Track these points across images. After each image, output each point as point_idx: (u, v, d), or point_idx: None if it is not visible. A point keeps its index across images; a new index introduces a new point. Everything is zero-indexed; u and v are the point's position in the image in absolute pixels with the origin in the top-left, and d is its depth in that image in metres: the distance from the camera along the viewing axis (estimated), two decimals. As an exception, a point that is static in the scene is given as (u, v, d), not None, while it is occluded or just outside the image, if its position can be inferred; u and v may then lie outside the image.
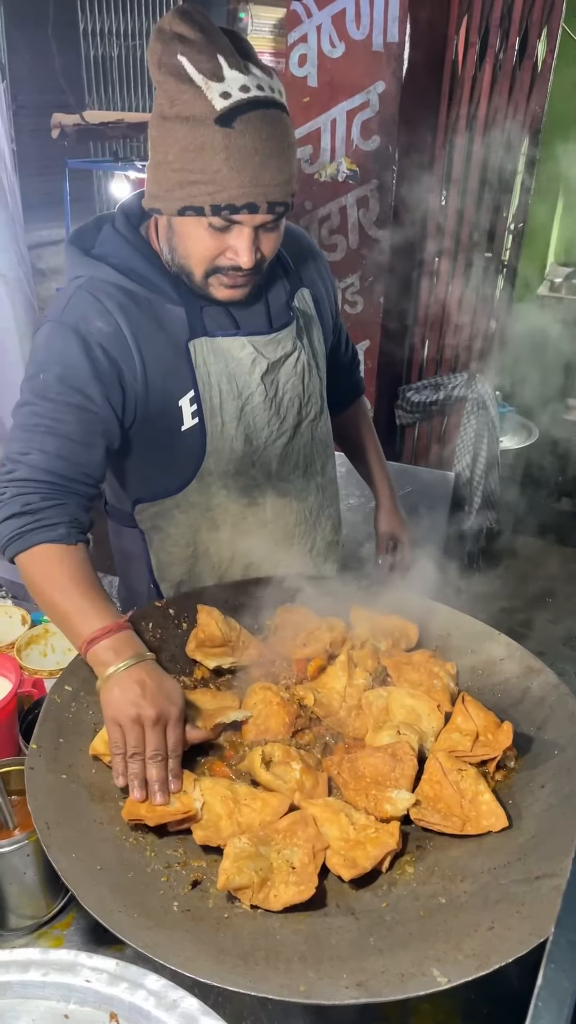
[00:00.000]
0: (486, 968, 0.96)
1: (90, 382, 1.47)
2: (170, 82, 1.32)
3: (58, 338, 1.48)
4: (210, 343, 1.56)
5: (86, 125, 5.29)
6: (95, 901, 1.05)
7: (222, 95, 1.29)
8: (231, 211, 1.36)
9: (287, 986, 0.96)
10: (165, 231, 1.49)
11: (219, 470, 1.65)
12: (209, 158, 1.32)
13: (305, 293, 1.72)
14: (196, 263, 1.46)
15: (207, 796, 1.23)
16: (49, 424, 1.46)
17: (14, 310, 2.72)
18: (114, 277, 1.51)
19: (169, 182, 1.38)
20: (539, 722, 1.40)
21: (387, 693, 1.44)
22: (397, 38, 3.10)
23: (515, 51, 3.27)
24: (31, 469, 1.45)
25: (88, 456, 1.50)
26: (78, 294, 1.50)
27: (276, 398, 1.66)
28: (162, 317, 1.53)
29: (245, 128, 1.31)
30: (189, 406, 1.57)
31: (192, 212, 1.38)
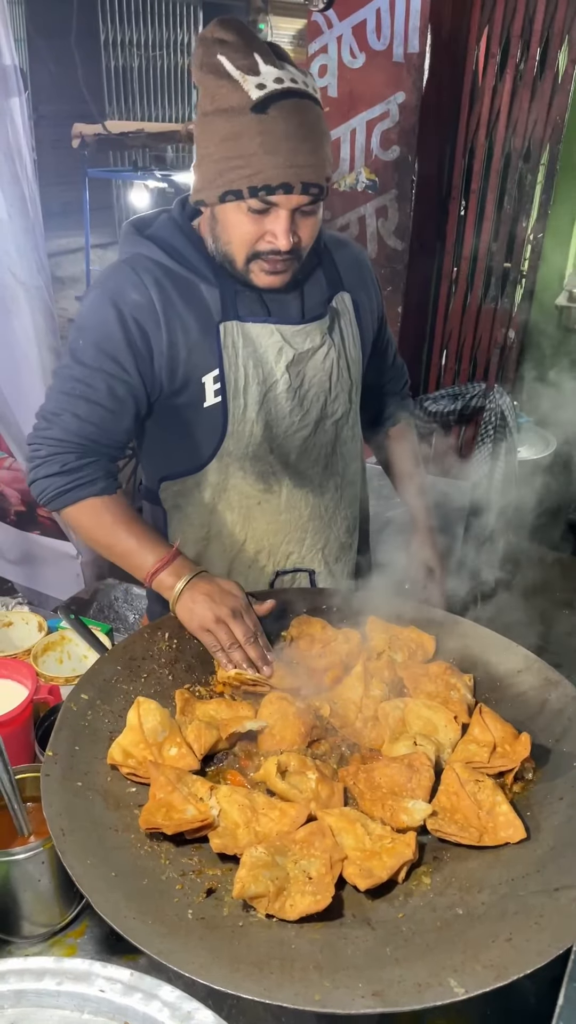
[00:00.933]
0: (504, 979, 0.95)
1: (123, 351, 1.59)
2: (209, 80, 1.43)
3: (99, 307, 1.60)
4: (240, 327, 1.62)
5: (107, 135, 5.33)
6: (110, 907, 1.04)
7: (257, 86, 1.40)
8: (267, 191, 1.44)
9: (302, 995, 0.95)
10: (209, 222, 1.58)
11: (238, 452, 1.69)
12: (245, 143, 1.41)
13: (346, 297, 1.77)
14: (237, 249, 1.54)
15: (224, 804, 1.23)
16: (83, 389, 1.60)
17: (33, 318, 2.73)
18: (157, 255, 1.61)
19: (211, 173, 1.47)
20: (558, 734, 1.39)
21: (403, 704, 1.43)
22: (417, 49, 3.11)
23: (536, 62, 3.27)
24: (63, 431, 1.61)
25: (116, 423, 1.64)
26: (121, 267, 1.62)
27: (301, 389, 1.70)
28: (196, 296, 1.61)
29: (279, 114, 1.41)
30: (212, 384, 1.63)
31: (232, 196, 1.46)
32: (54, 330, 2.77)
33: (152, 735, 1.33)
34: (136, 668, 1.52)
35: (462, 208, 3.59)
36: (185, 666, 1.57)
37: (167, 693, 1.49)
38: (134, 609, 2.74)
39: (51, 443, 1.62)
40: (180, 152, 12.18)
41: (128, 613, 2.73)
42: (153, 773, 1.26)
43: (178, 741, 1.35)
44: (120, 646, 1.56)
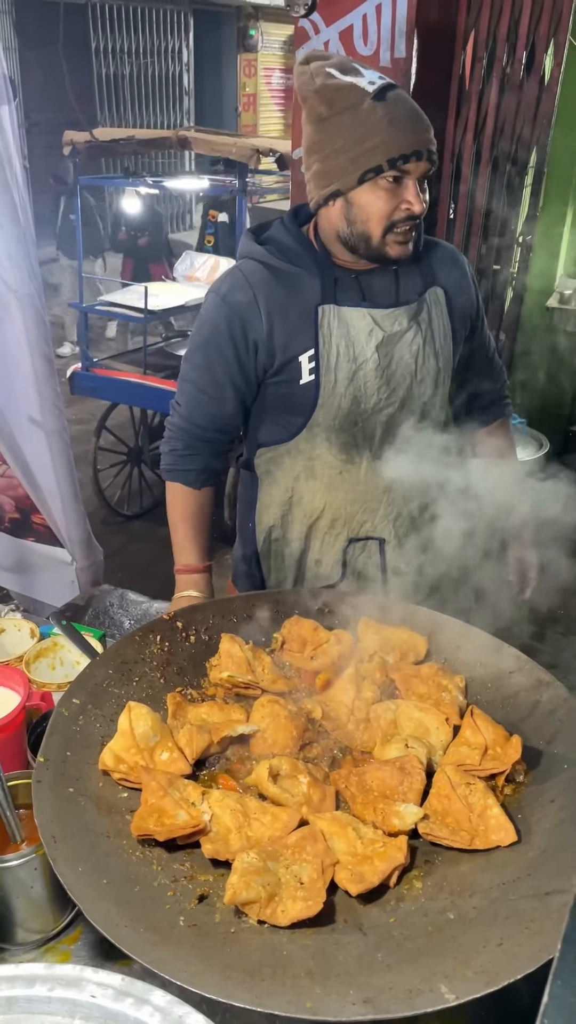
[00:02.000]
0: (495, 985, 0.95)
1: (226, 345, 1.81)
2: (327, 89, 1.63)
3: (212, 306, 1.84)
4: (336, 310, 1.78)
5: (97, 142, 5.32)
6: (101, 916, 1.04)
7: (369, 83, 1.61)
8: (403, 161, 1.61)
9: (294, 1002, 0.95)
10: (340, 213, 1.71)
11: (326, 423, 1.84)
12: (375, 126, 1.60)
13: (439, 292, 1.89)
14: (375, 224, 1.68)
15: (216, 809, 1.23)
16: (192, 378, 1.89)
17: (25, 325, 2.72)
18: (268, 257, 1.80)
19: (343, 163, 1.64)
20: (549, 736, 1.39)
21: (395, 706, 1.44)
22: (404, 53, 3.11)
23: (522, 65, 3.28)
24: (179, 417, 1.92)
25: (219, 408, 1.88)
26: (233, 271, 1.84)
27: (388, 369, 1.82)
28: (299, 286, 1.79)
29: (395, 99, 1.62)
30: (308, 363, 1.79)
31: (371, 174, 1.63)
32: (46, 337, 2.76)
33: (143, 740, 1.33)
34: (128, 672, 1.52)
35: (451, 211, 3.60)
36: (177, 669, 1.57)
37: (159, 697, 1.49)
38: (129, 615, 2.73)
39: (171, 427, 1.94)
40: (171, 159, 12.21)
41: (123, 619, 2.72)
42: (144, 778, 1.26)
43: (170, 746, 1.35)
44: (111, 650, 1.56)
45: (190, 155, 11.75)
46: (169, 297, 5.74)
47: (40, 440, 2.86)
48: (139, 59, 12.25)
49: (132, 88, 12.33)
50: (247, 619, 1.69)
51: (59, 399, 2.85)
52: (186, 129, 5.72)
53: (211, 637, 1.63)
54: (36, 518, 3.22)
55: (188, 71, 13.15)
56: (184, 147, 5.30)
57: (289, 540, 1.99)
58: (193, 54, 13.13)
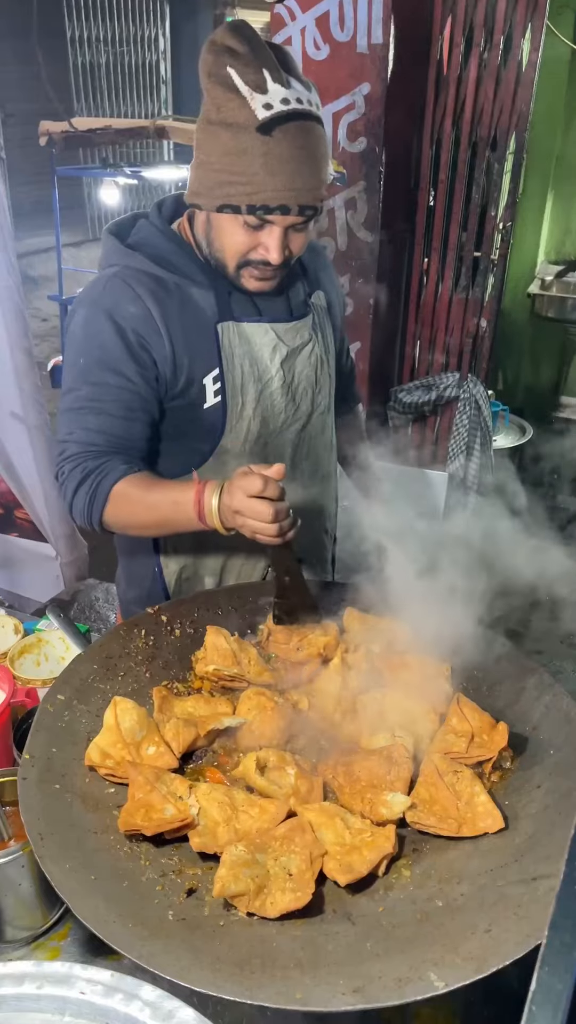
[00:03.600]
0: (484, 971, 0.96)
1: (126, 362, 1.60)
2: (218, 90, 1.44)
3: (94, 323, 1.61)
4: (236, 327, 1.67)
5: (74, 132, 5.28)
6: (90, 912, 1.04)
7: (264, 106, 1.41)
8: (265, 211, 1.48)
9: (284, 993, 0.95)
10: (203, 225, 1.61)
11: (235, 449, 1.73)
12: (248, 162, 1.44)
13: (320, 295, 1.84)
14: (230, 256, 1.58)
15: (204, 802, 1.23)
16: (91, 405, 1.62)
17: (4, 319, 2.70)
18: (147, 266, 1.63)
19: (210, 181, 1.50)
20: (534, 722, 1.40)
21: (382, 696, 1.44)
22: (381, 39, 3.10)
23: (500, 50, 3.27)
24: (79, 444, 1.62)
25: (128, 429, 1.64)
26: (112, 281, 1.62)
27: (292, 385, 1.75)
28: (191, 301, 1.64)
29: (283, 137, 1.43)
30: (212, 384, 1.66)
31: (229, 210, 1.50)
32: (26, 331, 2.74)
33: (130, 735, 1.33)
34: (113, 667, 1.51)
35: (431, 198, 3.59)
36: (162, 663, 1.57)
37: (144, 691, 1.49)
38: (115, 609, 2.73)
39: (70, 461, 1.62)
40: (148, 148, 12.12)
41: (109, 613, 2.72)
42: (131, 773, 1.25)
43: (156, 740, 1.35)
44: (96, 645, 1.56)
45: (169, 144, 11.67)
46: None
47: (22, 435, 2.85)
48: (115, 48, 12.13)
49: (109, 77, 12.22)
50: (232, 611, 1.68)
51: (40, 394, 2.83)
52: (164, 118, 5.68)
53: (196, 630, 1.63)
54: (19, 513, 3.21)
55: (165, 59, 13.04)
56: (162, 136, 5.27)
57: (202, 577, 1.87)
58: (170, 42, 13.02)
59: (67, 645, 1.86)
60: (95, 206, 11.93)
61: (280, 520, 1.41)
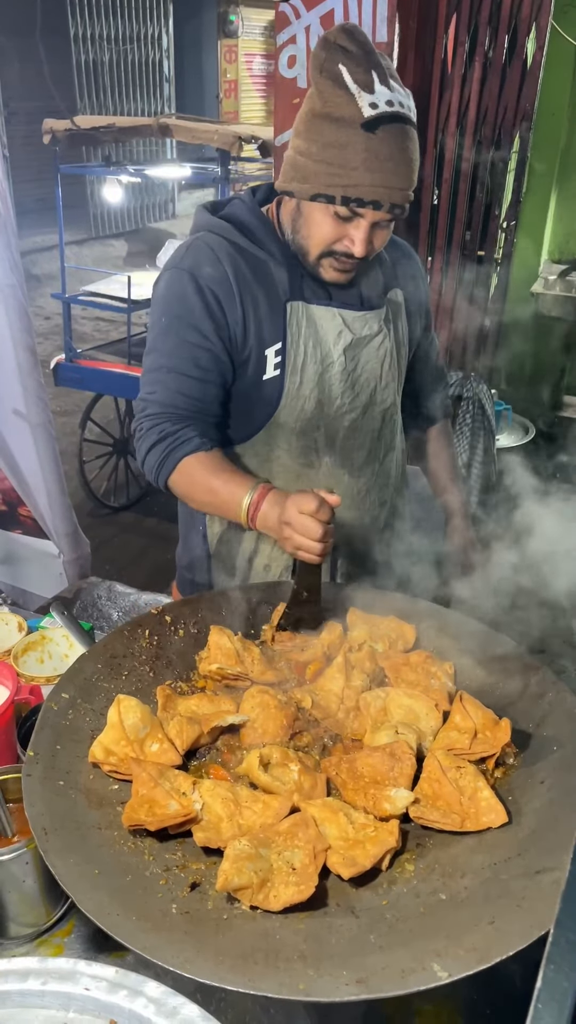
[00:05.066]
0: (487, 962, 0.96)
1: (204, 319, 1.66)
2: (327, 85, 1.49)
3: (176, 282, 1.68)
4: (305, 308, 1.70)
5: (77, 130, 5.28)
6: (93, 905, 1.04)
7: (371, 104, 1.47)
8: (358, 204, 1.53)
9: (287, 984, 0.96)
10: (292, 212, 1.66)
11: (287, 425, 1.76)
12: (350, 156, 1.49)
13: (399, 293, 1.86)
14: (314, 245, 1.63)
15: (207, 798, 1.23)
16: (170, 364, 1.68)
17: (8, 317, 2.70)
18: (230, 233, 1.70)
19: (308, 170, 1.55)
20: (537, 719, 1.40)
21: (385, 694, 1.44)
22: (386, 38, 3.10)
23: (504, 49, 3.27)
24: (158, 404, 1.68)
25: (204, 390, 1.69)
26: (195, 244, 1.70)
27: (354, 373, 1.77)
28: (267, 274, 1.69)
29: (385, 136, 1.49)
30: (274, 357, 1.70)
31: (324, 199, 1.55)
32: (29, 329, 2.75)
33: (133, 731, 1.33)
34: (117, 666, 1.52)
35: (435, 197, 3.59)
36: (166, 662, 1.57)
37: (148, 690, 1.49)
38: (117, 607, 2.73)
39: (149, 419, 1.68)
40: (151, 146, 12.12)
41: (111, 611, 2.72)
42: (135, 769, 1.26)
43: (160, 737, 1.35)
44: (101, 644, 1.56)
45: (171, 143, 11.67)
46: (152, 287, 5.70)
47: (25, 433, 2.85)
48: (119, 46, 12.14)
49: (112, 75, 12.23)
50: (236, 613, 1.69)
51: (43, 391, 2.84)
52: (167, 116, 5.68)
53: (200, 631, 1.63)
54: (23, 511, 3.21)
55: (168, 57, 13.04)
56: (165, 135, 5.26)
57: (241, 543, 1.90)
58: (173, 40, 13.03)
59: (70, 643, 1.86)
60: (98, 204, 11.94)
61: (324, 541, 1.46)
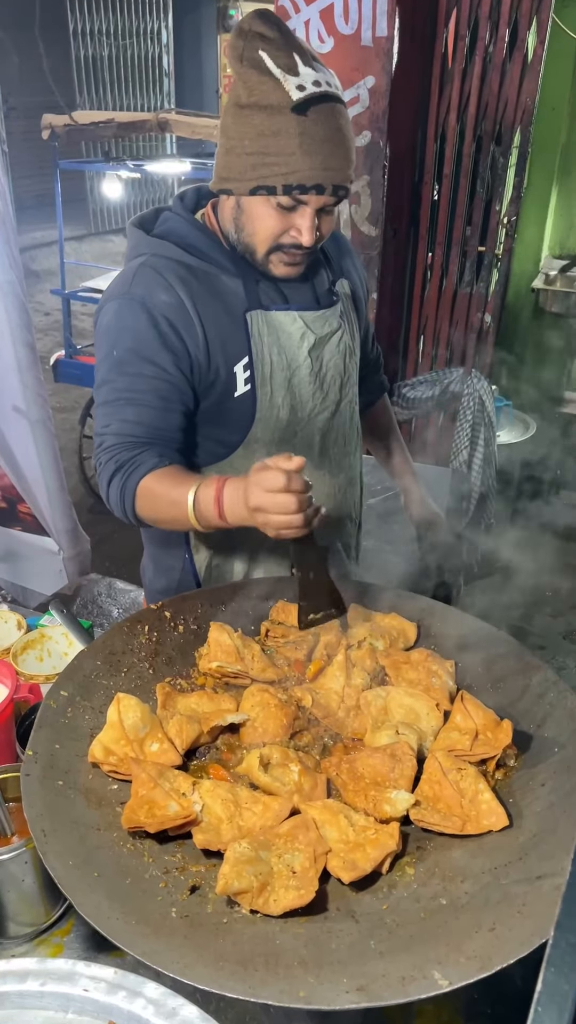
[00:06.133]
0: (488, 970, 0.95)
1: (160, 352, 1.58)
2: (250, 74, 1.45)
3: (127, 313, 1.59)
4: (264, 315, 1.66)
5: (76, 126, 5.26)
6: (92, 909, 1.04)
7: (298, 87, 1.43)
8: (301, 191, 1.48)
9: (287, 991, 0.95)
10: (231, 211, 1.60)
11: (265, 438, 1.72)
12: (284, 142, 1.45)
13: (345, 284, 1.83)
14: (261, 241, 1.58)
15: (207, 799, 1.23)
16: (128, 396, 1.59)
17: (7, 312, 2.69)
18: (175, 253, 1.62)
19: (242, 165, 1.50)
20: (539, 719, 1.40)
21: (385, 693, 1.43)
22: (386, 32, 3.08)
23: (505, 43, 3.25)
24: (114, 436, 1.59)
25: (166, 420, 1.61)
26: (142, 270, 1.60)
27: (320, 373, 1.74)
28: (220, 289, 1.63)
29: (317, 117, 1.45)
30: (243, 372, 1.65)
31: (264, 191, 1.50)
32: (28, 325, 2.74)
33: (133, 731, 1.32)
34: (116, 663, 1.51)
35: (435, 193, 3.57)
36: (166, 659, 1.57)
37: (148, 687, 1.48)
38: (117, 604, 2.73)
39: (107, 451, 1.60)
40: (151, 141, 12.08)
41: (111, 608, 2.72)
42: (135, 770, 1.25)
43: (159, 736, 1.34)
44: (99, 641, 1.55)
45: (171, 138, 11.64)
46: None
47: (24, 429, 2.84)
48: (118, 41, 12.09)
49: (111, 70, 12.18)
50: (236, 608, 1.68)
51: (43, 388, 2.83)
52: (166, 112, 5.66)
53: (200, 626, 1.62)
54: (22, 507, 3.21)
55: (168, 52, 12.99)
56: (165, 130, 5.25)
57: (232, 564, 1.85)
58: (172, 35, 12.97)
59: (70, 641, 1.85)
60: (97, 200, 11.91)
61: (305, 510, 1.37)
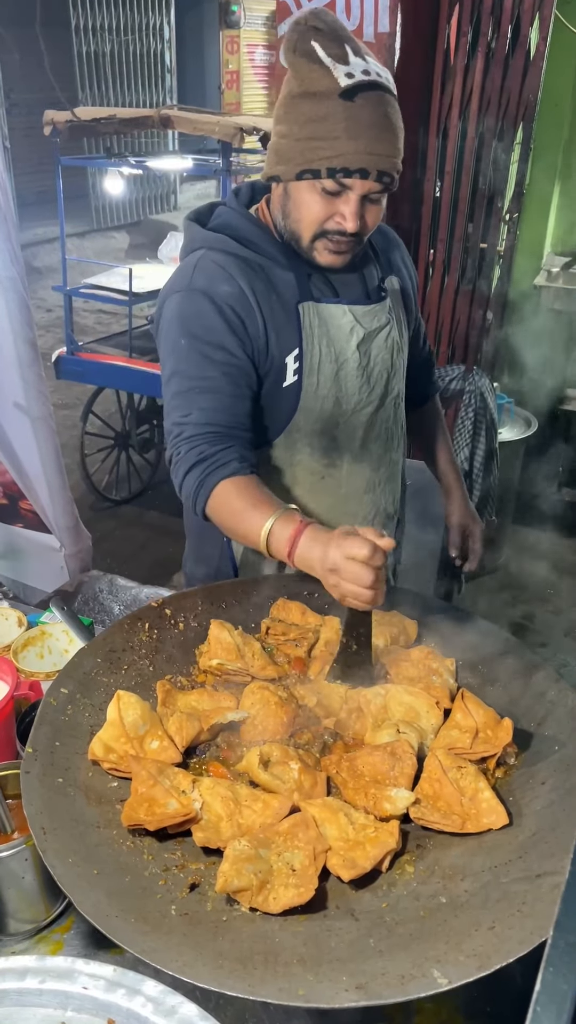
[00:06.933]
0: (487, 969, 0.95)
1: (227, 337, 1.60)
2: (302, 63, 1.47)
3: (191, 304, 1.62)
4: (315, 307, 1.67)
5: (78, 122, 5.24)
6: (92, 907, 1.04)
7: (347, 75, 1.45)
8: (345, 174, 1.49)
9: (286, 990, 0.95)
10: (280, 199, 1.62)
11: (307, 428, 1.73)
12: (331, 126, 1.47)
13: (394, 280, 1.84)
14: (306, 227, 1.59)
15: (207, 797, 1.22)
16: (200, 384, 1.60)
17: (8, 309, 2.69)
18: (232, 246, 1.65)
19: (291, 151, 1.52)
20: (539, 718, 1.39)
21: (385, 691, 1.43)
22: (388, 28, 3.07)
23: (507, 39, 3.24)
24: (195, 426, 1.58)
25: (239, 406, 1.62)
26: (202, 262, 1.64)
27: (368, 367, 1.75)
28: (274, 280, 1.66)
29: (365, 103, 1.46)
30: (292, 363, 1.67)
31: (310, 175, 1.51)
32: (29, 322, 2.73)
33: (133, 729, 1.32)
34: (116, 660, 1.51)
35: (437, 189, 3.56)
36: (166, 657, 1.57)
37: (148, 685, 1.48)
38: (119, 600, 2.72)
39: (186, 442, 1.58)
40: (153, 138, 12.06)
41: (113, 605, 2.72)
42: (134, 767, 1.25)
43: (159, 734, 1.34)
44: (100, 638, 1.55)
45: (173, 134, 11.62)
46: (154, 279, 5.68)
47: (26, 426, 2.84)
48: (120, 37, 12.07)
49: (113, 66, 12.16)
50: (236, 605, 1.68)
51: (44, 384, 2.82)
52: (168, 108, 5.63)
53: (200, 624, 1.62)
54: (24, 504, 3.21)
55: (170, 48, 12.96)
56: (167, 126, 5.23)
57: None
58: (175, 31, 12.95)
59: (70, 638, 1.85)
60: (99, 196, 11.89)
61: (376, 588, 1.34)
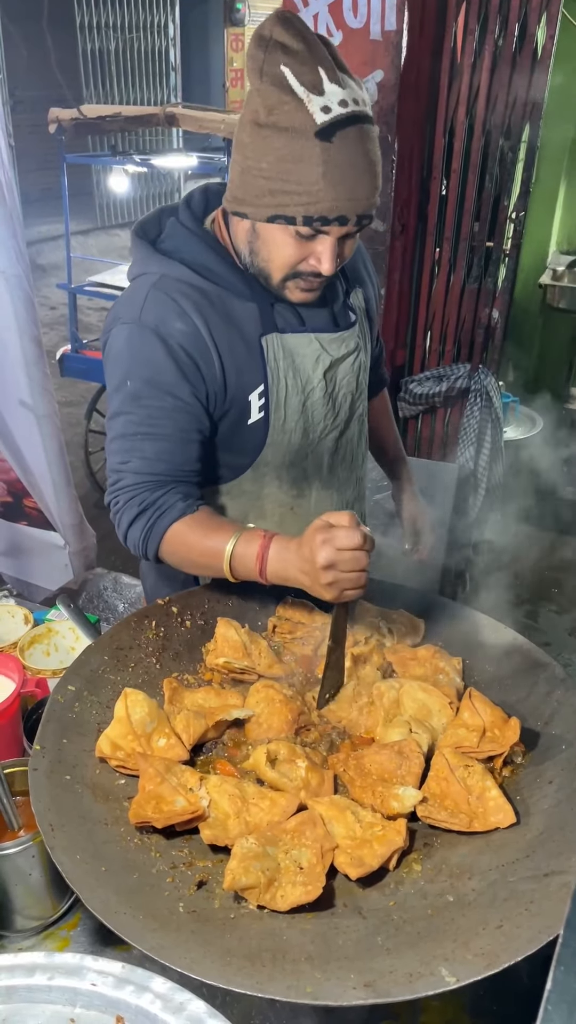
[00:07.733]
0: (495, 967, 0.95)
1: (179, 383, 1.50)
2: (270, 91, 1.33)
3: (141, 342, 1.50)
4: (280, 339, 1.58)
5: (83, 119, 5.24)
6: (100, 903, 1.04)
7: (323, 109, 1.30)
8: (323, 223, 1.38)
9: (294, 987, 0.95)
10: (247, 234, 1.49)
11: (275, 462, 1.67)
12: (307, 170, 1.34)
13: (359, 293, 1.75)
14: (277, 268, 1.49)
15: (214, 795, 1.23)
16: (146, 430, 1.51)
17: (13, 307, 2.70)
18: (187, 275, 1.52)
19: (260, 189, 1.39)
20: (546, 717, 1.39)
21: (399, 685, 1.43)
22: (395, 26, 3.07)
23: (514, 37, 3.23)
24: (134, 475, 1.52)
25: (186, 453, 1.55)
26: (153, 294, 1.51)
27: (333, 393, 1.68)
28: (234, 313, 1.54)
29: (343, 143, 1.33)
30: (258, 400, 1.59)
31: (283, 221, 1.40)
32: (35, 319, 2.74)
33: (140, 726, 1.32)
34: (123, 658, 1.51)
35: (443, 188, 3.55)
36: (173, 654, 1.57)
37: (155, 682, 1.48)
38: (123, 598, 2.73)
39: (125, 492, 1.53)
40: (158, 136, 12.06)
41: (117, 602, 2.72)
42: (142, 765, 1.25)
43: (167, 732, 1.34)
44: (107, 636, 1.55)
45: (178, 132, 11.61)
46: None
47: (31, 423, 2.85)
48: (125, 34, 12.07)
49: (118, 64, 12.16)
50: (243, 603, 1.68)
51: (49, 382, 2.83)
52: (173, 105, 5.63)
53: (207, 621, 1.62)
54: (28, 502, 3.21)
55: (175, 46, 12.95)
56: (171, 124, 5.23)
57: None
58: (179, 29, 12.94)
59: (77, 635, 1.85)
60: (104, 194, 11.90)
61: (366, 571, 1.32)
